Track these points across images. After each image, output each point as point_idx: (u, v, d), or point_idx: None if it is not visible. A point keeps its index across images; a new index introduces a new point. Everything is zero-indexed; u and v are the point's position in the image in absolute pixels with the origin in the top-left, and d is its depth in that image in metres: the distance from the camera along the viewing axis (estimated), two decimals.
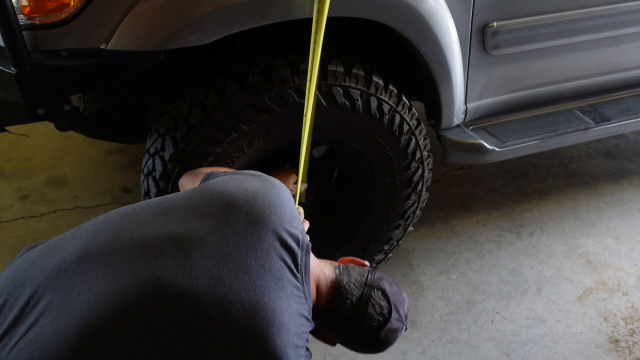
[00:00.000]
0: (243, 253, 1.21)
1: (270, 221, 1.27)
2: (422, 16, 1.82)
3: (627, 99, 2.49)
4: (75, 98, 1.68)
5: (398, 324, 1.43)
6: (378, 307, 1.40)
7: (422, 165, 2.10)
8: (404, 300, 1.48)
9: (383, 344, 1.44)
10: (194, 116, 1.76)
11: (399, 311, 1.43)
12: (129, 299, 1.12)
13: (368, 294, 1.40)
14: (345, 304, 1.38)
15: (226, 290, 1.17)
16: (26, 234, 2.64)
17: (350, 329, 1.40)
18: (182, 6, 1.58)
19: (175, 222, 1.23)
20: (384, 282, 1.45)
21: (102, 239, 1.22)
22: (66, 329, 1.10)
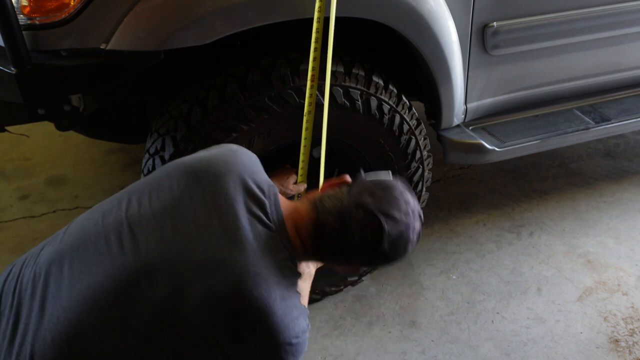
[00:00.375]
0: (205, 215, 1.20)
1: (229, 177, 1.25)
2: (422, 16, 1.82)
3: (627, 99, 2.49)
4: (75, 98, 1.68)
5: (399, 228, 1.27)
6: (364, 227, 1.25)
7: (422, 165, 2.10)
8: (397, 199, 1.30)
9: (397, 253, 1.30)
10: (194, 116, 1.76)
11: (393, 216, 1.27)
12: (99, 291, 1.14)
13: (348, 219, 1.26)
14: (330, 240, 1.27)
15: (191, 255, 1.16)
16: (26, 234, 2.64)
17: (354, 257, 1.30)
18: (182, 6, 1.58)
19: (134, 204, 1.24)
20: (363, 196, 1.28)
21: (71, 237, 1.24)
22: (46, 335, 1.13)
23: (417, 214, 1.33)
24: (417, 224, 1.32)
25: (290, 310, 1.21)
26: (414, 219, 1.31)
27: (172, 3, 1.57)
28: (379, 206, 1.27)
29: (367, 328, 2.20)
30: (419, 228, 1.34)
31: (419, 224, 1.33)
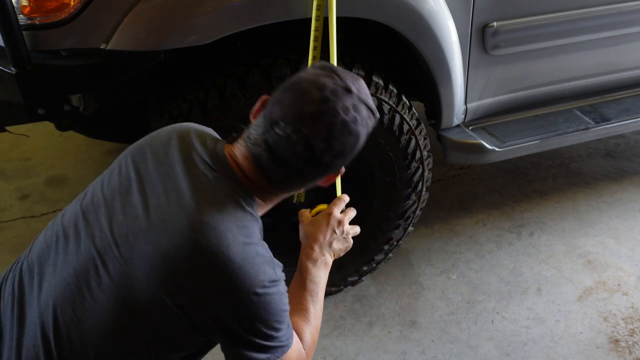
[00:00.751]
0: (149, 184, 1.18)
1: (170, 141, 1.23)
2: (422, 16, 1.82)
3: (627, 99, 2.49)
4: (75, 98, 1.68)
5: (323, 119, 1.11)
6: (288, 144, 1.12)
7: (422, 165, 2.10)
8: (305, 91, 1.13)
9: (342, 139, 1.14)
10: (194, 116, 1.76)
11: (307, 113, 1.11)
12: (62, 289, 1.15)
13: (272, 143, 1.14)
14: (271, 169, 1.16)
15: (139, 223, 1.14)
16: (26, 234, 2.64)
17: (307, 172, 1.17)
18: (182, 6, 1.58)
19: (89, 195, 1.25)
20: (273, 111, 1.15)
21: (37, 244, 1.26)
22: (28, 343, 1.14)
23: (342, 89, 1.14)
24: (346, 100, 1.13)
25: (250, 257, 1.12)
26: (337, 98, 1.13)
27: (172, 3, 1.57)
28: (288, 114, 1.13)
29: (367, 328, 2.20)
30: (354, 100, 1.15)
31: (348, 97, 1.14)
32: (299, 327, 1.32)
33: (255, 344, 1.15)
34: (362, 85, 1.20)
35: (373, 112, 1.21)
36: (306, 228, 1.47)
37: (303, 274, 1.42)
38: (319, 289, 1.42)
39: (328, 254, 1.45)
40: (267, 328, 1.15)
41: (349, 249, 1.51)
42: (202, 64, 1.90)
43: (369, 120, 1.19)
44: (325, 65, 1.21)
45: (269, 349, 1.17)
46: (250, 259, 1.12)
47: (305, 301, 1.38)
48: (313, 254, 1.43)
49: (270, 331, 1.15)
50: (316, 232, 1.45)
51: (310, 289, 1.40)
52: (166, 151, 1.22)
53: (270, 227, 2.11)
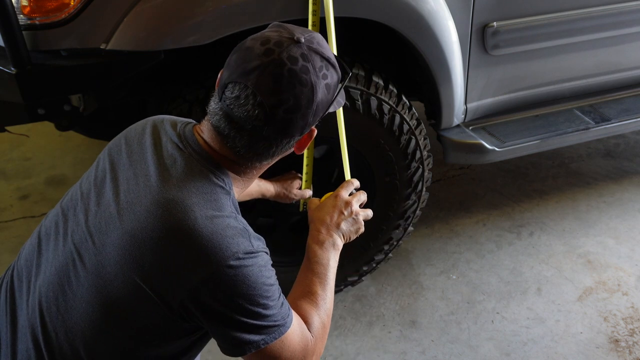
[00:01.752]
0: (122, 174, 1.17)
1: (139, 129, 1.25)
2: (422, 16, 1.82)
3: (627, 99, 2.49)
4: (75, 98, 1.68)
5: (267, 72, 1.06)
6: (235, 101, 1.09)
7: (422, 165, 2.10)
8: (249, 48, 1.09)
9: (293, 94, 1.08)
10: (194, 116, 1.76)
11: (250, 68, 1.07)
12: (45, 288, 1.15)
13: (226, 108, 1.10)
14: (230, 138, 1.12)
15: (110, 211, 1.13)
16: (26, 234, 2.64)
17: (265, 137, 1.12)
18: (182, 6, 1.58)
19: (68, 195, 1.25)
20: (223, 76, 1.12)
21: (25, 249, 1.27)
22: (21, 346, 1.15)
23: (288, 39, 1.09)
24: (292, 50, 1.07)
25: (220, 229, 1.07)
26: (283, 48, 1.07)
27: (172, 3, 1.57)
28: (233, 73, 1.09)
29: (367, 328, 2.20)
30: (302, 49, 1.08)
31: (296, 46, 1.08)
32: (305, 310, 1.24)
33: (244, 324, 1.09)
34: (315, 36, 1.13)
35: (332, 64, 1.13)
36: (313, 212, 1.43)
37: (310, 257, 1.35)
38: (328, 271, 1.34)
39: (337, 235, 1.39)
40: (251, 305, 1.08)
41: (361, 232, 1.45)
42: (202, 64, 1.90)
43: (327, 71, 1.11)
44: (276, 23, 1.16)
45: (262, 329, 1.10)
46: (220, 231, 1.07)
47: (312, 284, 1.30)
48: (319, 235, 1.37)
49: (257, 308, 1.09)
50: (323, 215, 1.40)
51: (318, 271, 1.32)
52: (139, 140, 1.22)
53: (270, 227, 2.12)
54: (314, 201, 1.49)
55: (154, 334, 1.12)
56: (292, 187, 1.84)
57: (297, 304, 1.25)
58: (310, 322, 1.23)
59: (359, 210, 1.46)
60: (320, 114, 1.16)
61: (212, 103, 1.15)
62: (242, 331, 1.09)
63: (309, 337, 1.20)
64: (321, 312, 1.27)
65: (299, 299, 1.27)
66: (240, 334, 1.09)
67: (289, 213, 2.07)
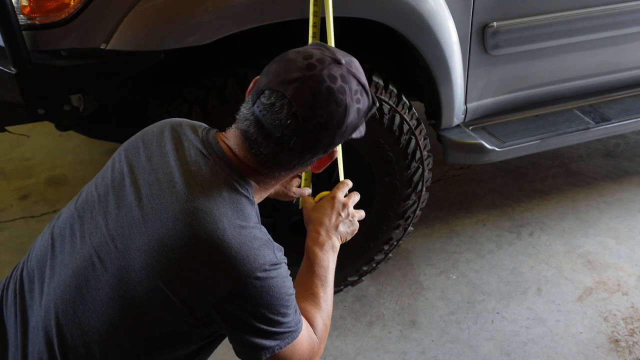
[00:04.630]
0: (142, 177, 1.17)
1: (160, 133, 1.23)
2: (422, 16, 1.82)
3: (627, 99, 2.49)
4: (75, 98, 1.68)
5: (306, 85, 1.08)
6: (270, 111, 1.10)
7: (422, 165, 2.10)
8: (292, 60, 1.12)
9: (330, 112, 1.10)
10: (194, 116, 1.76)
11: (290, 79, 1.09)
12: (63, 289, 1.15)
13: (258, 112, 1.12)
14: (256, 143, 1.13)
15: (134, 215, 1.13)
16: (26, 234, 2.64)
17: (291, 148, 1.13)
18: (182, 6, 1.58)
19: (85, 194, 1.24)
20: (260, 82, 1.15)
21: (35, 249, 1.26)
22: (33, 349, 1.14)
23: (330, 59, 1.11)
24: (333, 70, 1.10)
25: (248, 240, 1.09)
26: (324, 66, 1.09)
27: (172, 3, 1.57)
28: (272, 81, 1.11)
29: (367, 328, 2.20)
30: (342, 71, 1.11)
31: (337, 67, 1.11)
32: (309, 313, 1.27)
33: (263, 331, 1.12)
34: (354, 61, 1.16)
35: (367, 91, 1.16)
36: (310, 213, 1.44)
37: (311, 259, 1.37)
38: (328, 273, 1.37)
39: (335, 237, 1.41)
40: (272, 313, 1.12)
41: (355, 233, 1.48)
42: (202, 64, 1.90)
43: (360, 97, 1.14)
44: (318, 42, 1.20)
45: (278, 335, 1.14)
46: (248, 243, 1.09)
47: (315, 286, 1.33)
48: (320, 237, 1.39)
49: (277, 316, 1.12)
50: (321, 216, 1.42)
51: (319, 273, 1.36)
52: (159, 143, 1.21)
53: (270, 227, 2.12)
54: (308, 200, 1.50)
55: (172, 338, 1.14)
56: (291, 185, 1.84)
57: (301, 307, 1.26)
58: (315, 324, 1.27)
59: (354, 211, 1.48)
60: (346, 136, 1.18)
61: (243, 109, 1.17)
62: (260, 337, 1.13)
63: (314, 339, 1.25)
64: (323, 314, 1.31)
65: (302, 301, 1.28)
66: (259, 339, 1.13)
67: (288, 212, 2.07)
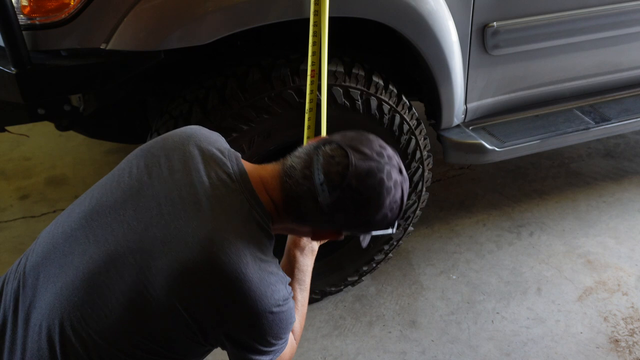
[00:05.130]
0: (164, 190, 1.17)
1: (185, 148, 1.23)
2: (422, 16, 1.82)
3: (627, 99, 2.49)
4: (75, 98, 1.68)
5: (368, 164, 1.16)
6: (329, 158, 1.16)
7: (422, 165, 2.10)
8: (369, 140, 1.21)
9: (370, 196, 1.17)
10: (194, 116, 1.76)
11: (361, 151, 1.17)
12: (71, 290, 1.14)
13: (315, 155, 1.18)
14: (296, 181, 1.18)
15: (154, 232, 1.13)
16: (26, 234, 2.64)
17: (319, 201, 1.17)
18: (182, 6, 1.58)
19: (96, 196, 1.23)
20: (334, 136, 1.22)
21: (41, 245, 1.24)
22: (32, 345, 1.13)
23: (397, 163, 1.21)
24: (394, 172, 1.19)
25: (266, 275, 1.14)
26: (391, 164, 1.19)
27: (172, 3, 1.57)
28: (347, 141, 1.19)
29: (367, 328, 2.20)
30: (400, 179, 1.21)
31: (399, 174, 1.21)
32: None
33: (263, 351, 1.20)
34: (407, 180, 1.26)
35: (400, 209, 1.23)
36: None
37: (292, 262, 1.43)
38: (306, 277, 1.44)
39: (315, 241, 1.46)
40: (275, 339, 1.19)
41: None
42: (202, 64, 1.90)
43: (394, 209, 1.21)
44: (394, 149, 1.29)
45: (273, 352, 1.22)
46: (266, 278, 1.14)
47: (295, 291, 1.41)
48: (301, 241, 1.45)
49: (278, 340, 1.21)
50: None
51: (299, 277, 1.43)
52: (182, 157, 1.21)
53: None
54: None
55: (175, 351, 1.17)
56: None
57: None
58: (295, 329, 1.36)
59: None
60: (359, 230, 1.28)
61: (300, 149, 1.23)
62: (259, 354, 1.20)
63: (294, 343, 1.35)
64: (300, 317, 1.40)
65: None
66: (256, 356, 1.20)
67: None
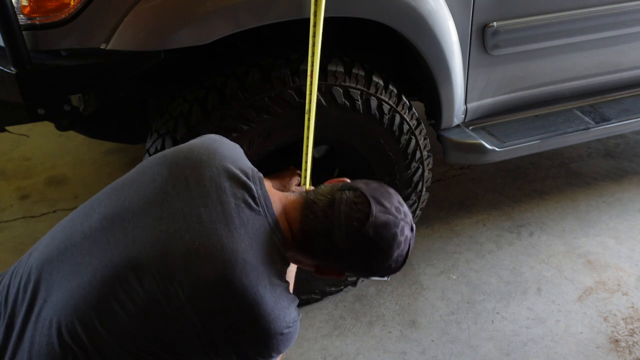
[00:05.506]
0: (190, 204, 1.19)
1: (211, 165, 1.24)
2: (422, 16, 1.82)
3: (627, 99, 2.49)
4: (75, 98, 1.68)
5: (387, 217, 1.26)
6: (352, 205, 1.25)
7: (422, 165, 2.10)
8: (389, 194, 1.32)
9: (382, 247, 1.26)
10: (194, 116, 1.76)
11: (382, 203, 1.27)
12: (88, 290, 1.14)
13: (339, 197, 1.26)
14: (317, 217, 1.26)
15: (178, 245, 1.14)
16: (26, 234, 2.64)
17: (335, 241, 1.25)
18: (182, 6, 1.58)
19: (118, 199, 1.23)
20: (358, 182, 1.32)
21: (56, 241, 1.23)
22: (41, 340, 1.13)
23: (410, 221, 1.32)
24: (407, 229, 1.30)
25: (280, 299, 1.19)
26: (405, 221, 1.30)
27: (172, 3, 1.57)
28: (369, 191, 1.28)
29: (367, 328, 2.20)
30: (410, 235, 1.31)
31: (410, 231, 1.31)
32: None
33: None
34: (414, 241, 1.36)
35: (403, 262, 1.33)
36: None
37: None
38: (292, 284, 1.50)
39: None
40: (277, 353, 1.24)
41: None
42: (202, 64, 1.90)
43: (398, 262, 1.31)
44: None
45: None
46: (280, 301, 1.19)
47: None
48: None
49: (279, 354, 1.24)
50: None
51: None
52: (207, 175, 1.23)
53: None
54: None
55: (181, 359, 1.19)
56: (291, 183, 1.85)
57: None
58: None
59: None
60: (361, 274, 1.38)
61: (324, 187, 1.32)
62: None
63: None
64: None
65: None
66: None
67: None
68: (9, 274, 1.26)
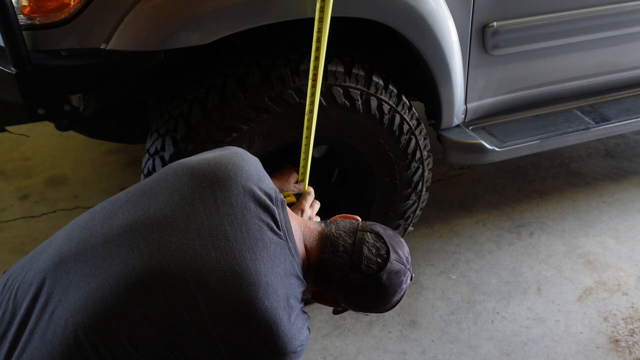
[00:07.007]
0: (216, 221, 1.20)
1: (238, 183, 1.25)
2: (422, 16, 1.82)
3: (627, 99, 2.49)
4: (75, 98, 1.68)
5: (400, 266, 1.38)
6: (374, 249, 1.36)
7: (422, 165, 2.10)
8: (402, 243, 1.43)
9: (389, 291, 1.38)
10: (194, 116, 1.76)
11: (397, 252, 1.38)
12: (109, 294, 1.13)
13: (361, 237, 1.36)
14: (338, 251, 1.34)
15: (204, 261, 1.16)
16: (26, 234, 2.64)
17: (350, 277, 1.34)
18: (182, 6, 1.58)
19: (142, 206, 1.23)
20: (376, 226, 1.42)
21: (74, 239, 1.22)
22: (54, 339, 1.12)
23: (411, 271, 1.44)
24: (409, 279, 1.42)
25: (297, 320, 1.24)
26: (410, 272, 1.43)
27: (172, 3, 1.57)
28: (389, 240, 1.39)
29: (367, 328, 2.20)
30: (407, 285, 1.43)
31: (409, 280, 1.43)
32: None
33: None
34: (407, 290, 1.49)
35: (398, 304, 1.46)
36: None
37: None
38: None
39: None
40: None
41: None
42: (202, 64, 1.90)
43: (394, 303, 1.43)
44: None
45: None
46: (296, 321, 1.24)
47: None
48: None
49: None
50: None
51: None
52: (234, 192, 1.25)
53: None
54: None
55: None
56: (290, 182, 1.85)
57: None
58: None
59: (317, 218, 1.65)
60: (356, 308, 1.44)
61: (343, 222, 1.41)
62: None
63: None
64: None
65: None
66: None
67: None
68: (17, 270, 1.24)
